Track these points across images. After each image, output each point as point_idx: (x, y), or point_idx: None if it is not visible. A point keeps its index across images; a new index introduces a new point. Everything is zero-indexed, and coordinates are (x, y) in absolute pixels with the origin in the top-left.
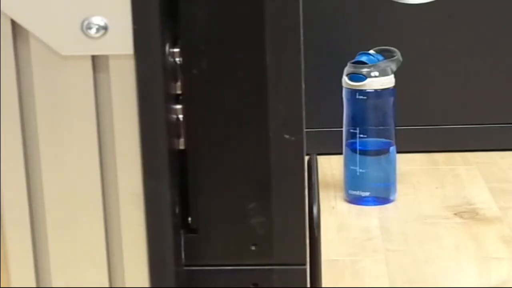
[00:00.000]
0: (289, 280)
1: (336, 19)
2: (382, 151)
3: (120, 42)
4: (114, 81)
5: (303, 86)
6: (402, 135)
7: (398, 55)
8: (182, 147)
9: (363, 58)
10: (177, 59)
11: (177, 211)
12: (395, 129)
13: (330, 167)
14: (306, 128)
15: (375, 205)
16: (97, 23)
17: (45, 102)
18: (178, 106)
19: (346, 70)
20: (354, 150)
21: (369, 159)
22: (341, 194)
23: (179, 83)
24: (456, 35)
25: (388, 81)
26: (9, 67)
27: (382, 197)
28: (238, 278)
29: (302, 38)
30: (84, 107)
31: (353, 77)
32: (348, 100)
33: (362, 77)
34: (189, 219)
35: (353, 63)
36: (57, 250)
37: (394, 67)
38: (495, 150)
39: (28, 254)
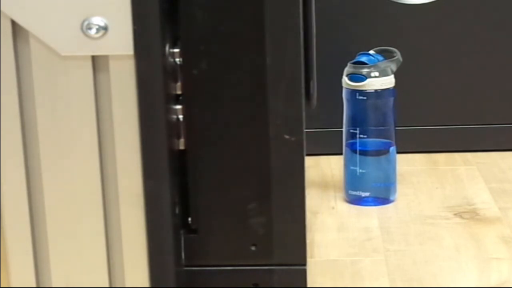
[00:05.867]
0: (289, 280)
1: (336, 19)
2: (382, 151)
3: (120, 42)
4: (114, 81)
5: (303, 86)
6: (402, 135)
7: (398, 55)
8: (182, 147)
9: (363, 59)
10: (177, 59)
11: (177, 211)
12: (395, 129)
13: (330, 167)
14: (306, 128)
15: (375, 205)
16: (97, 23)
17: (45, 102)
18: (178, 106)
19: (346, 70)
20: (354, 150)
21: (369, 159)
22: (341, 194)
23: (179, 83)
24: (456, 35)
25: (388, 81)
26: (9, 67)
27: (382, 197)
28: (238, 278)
29: (302, 38)
30: (84, 107)
31: (353, 77)
32: (348, 100)
33: (362, 78)
34: (189, 219)
35: (353, 63)
36: (57, 250)
37: (394, 67)
38: (495, 150)
39: (28, 254)
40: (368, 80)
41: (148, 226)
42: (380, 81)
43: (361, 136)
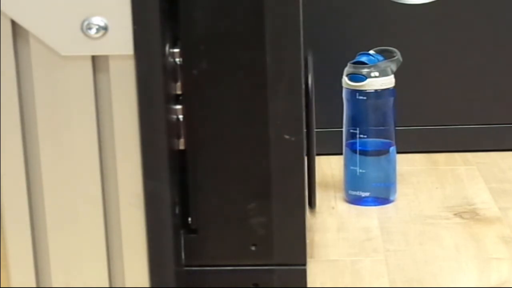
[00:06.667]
0: (289, 280)
1: (336, 19)
2: (382, 151)
3: (120, 42)
4: (114, 81)
5: (303, 86)
6: (402, 135)
7: (398, 55)
8: (182, 147)
9: (363, 59)
10: (177, 59)
11: (177, 211)
12: (395, 129)
13: (330, 167)
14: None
15: (375, 205)
16: (97, 23)
17: (45, 102)
18: (178, 106)
19: (346, 70)
20: (354, 150)
21: (369, 159)
22: (341, 194)
23: (179, 83)
24: (456, 35)
25: (388, 81)
26: (9, 67)
27: (382, 197)
28: (238, 278)
29: (302, 38)
30: (84, 107)
31: (353, 77)
32: (348, 100)
33: (362, 78)
34: (189, 219)
35: (353, 63)
36: (57, 250)
37: (394, 67)
38: (495, 150)
39: (28, 254)
40: (368, 80)
41: (148, 226)
42: (380, 81)
43: (361, 136)
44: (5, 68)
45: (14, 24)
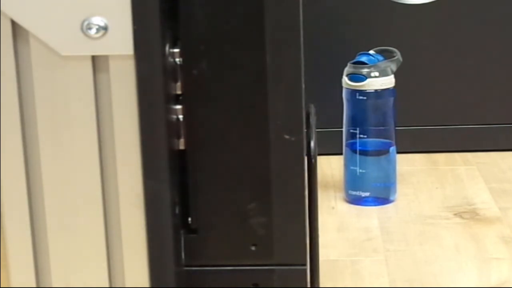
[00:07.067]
0: (289, 280)
1: (336, 19)
2: (382, 151)
3: (120, 42)
4: (114, 81)
5: (303, 86)
6: (402, 135)
7: (398, 55)
8: (182, 147)
9: (363, 59)
10: (177, 59)
11: (177, 211)
12: (395, 129)
13: (330, 167)
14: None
15: (375, 205)
16: (97, 23)
17: (45, 102)
18: (178, 106)
19: (346, 70)
20: (354, 150)
21: (369, 159)
22: (341, 194)
23: (179, 83)
24: (456, 35)
25: (388, 81)
26: (9, 67)
27: (382, 197)
28: (238, 278)
29: (302, 38)
30: (84, 107)
31: (353, 77)
32: (348, 100)
33: (362, 78)
34: (189, 219)
35: (353, 63)
36: (57, 250)
37: (394, 67)
38: (495, 150)
39: (28, 254)
40: (368, 80)
41: (148, 226)
42: (380, 81)
43: (361, 136)
44: (5, 68)
45: (14, 24)
